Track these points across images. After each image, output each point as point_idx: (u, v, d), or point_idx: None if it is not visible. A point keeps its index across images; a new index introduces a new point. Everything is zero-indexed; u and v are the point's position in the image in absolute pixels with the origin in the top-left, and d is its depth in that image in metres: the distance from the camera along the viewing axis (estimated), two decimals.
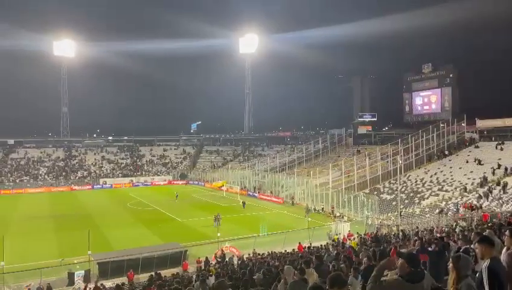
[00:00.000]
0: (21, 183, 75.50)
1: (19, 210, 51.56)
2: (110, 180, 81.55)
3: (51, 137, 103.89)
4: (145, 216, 45.66)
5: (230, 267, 19.08)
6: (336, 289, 3.53)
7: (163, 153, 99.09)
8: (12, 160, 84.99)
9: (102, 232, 36.35)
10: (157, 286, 9.31)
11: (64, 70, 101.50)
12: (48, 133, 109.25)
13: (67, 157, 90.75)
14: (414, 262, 4.30)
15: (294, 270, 7.06)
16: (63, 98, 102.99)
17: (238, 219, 42.61)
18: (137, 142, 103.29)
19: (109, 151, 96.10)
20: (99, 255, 26.48)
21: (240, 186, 63.72)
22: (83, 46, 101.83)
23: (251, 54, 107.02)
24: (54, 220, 43.90)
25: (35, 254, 28.97)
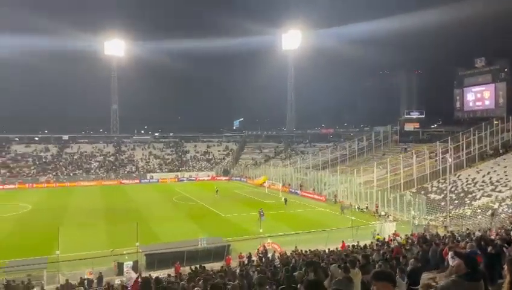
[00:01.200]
0: (75, 177, 79.81)
1: (73, 202, 54.52)
2: (157, 175, 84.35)
3: (102, 133, 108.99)
4: (190, 210, 46.85)
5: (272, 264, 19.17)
6: (384, 282, 3.49)
7: (207, 149, 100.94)
8: (67, 154, 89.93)
9: (149, 225, 37.68)
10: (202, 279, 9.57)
11: (114, 69, 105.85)
12: (99, 129, 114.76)
13: (117, 152, 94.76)
14: (472, 263, 4.16)
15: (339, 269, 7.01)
16: (113, 95, 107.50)
17: (280, 216, 42.68)
18: (182, 138, 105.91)
19: (156, 147, 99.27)
20: (147, 247, 27.50)
21: (281, 183, 63.70)
22: (132, 45, 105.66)
23: (294, 50, 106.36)
24: (105, 212, 46.09)
25: (88, 244, 30.57)
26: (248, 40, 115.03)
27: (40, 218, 42.33)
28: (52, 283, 22.63)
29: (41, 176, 78.65)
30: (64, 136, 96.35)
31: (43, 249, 28.37)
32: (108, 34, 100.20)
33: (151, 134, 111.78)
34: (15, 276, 22.65)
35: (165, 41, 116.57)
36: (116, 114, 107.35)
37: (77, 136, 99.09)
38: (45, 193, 64.17)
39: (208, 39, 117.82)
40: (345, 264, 7.55)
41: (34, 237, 33.20)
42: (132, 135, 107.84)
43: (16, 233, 35.65)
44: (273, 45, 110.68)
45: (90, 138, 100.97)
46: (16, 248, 29.61)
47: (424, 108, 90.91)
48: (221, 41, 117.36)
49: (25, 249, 28.81)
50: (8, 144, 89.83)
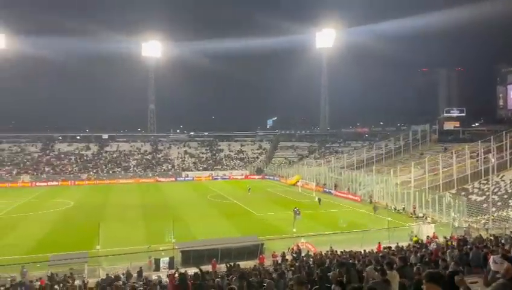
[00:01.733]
0: (114, 175, 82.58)
1: (112, 199, 56.44)
2: (192, 174, 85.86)
3: (140, 132, 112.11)
4: (224, 209, 47.38)
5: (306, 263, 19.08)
6: (435, 285, 3.45)
7: (241, 148, 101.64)
8: (107, 153, 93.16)
9: (185, 222, 38.38)
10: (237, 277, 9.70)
11: (151, 69, 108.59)
12: (137, 128, 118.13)
13: (154, 151, 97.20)
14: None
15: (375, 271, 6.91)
16: (150, 96, 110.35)
17: (314, 216, 42.35)
18: (217, 137, 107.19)
19: (191, 146, 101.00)
20: (182, 243, 28.04)
21: (315, 182, 63.18)
22: (168, 46, 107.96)
23: (328, 49, 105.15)
24: (142, 209, 47.41)
25: (126, 239, 31.55)
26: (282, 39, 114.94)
27: (82, 214, 44.13)
28: (93, 277, 23.51)
29: (82, 173, 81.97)
30: (104, 135, 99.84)
31: (85, 244, 29.56)
32: (146, 36, 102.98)
33: (187, 133, 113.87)
34: (58, 269, 23.73)
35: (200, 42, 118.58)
36: (153, 114, 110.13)
37: (116, 135, 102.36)
38: (86, 190, 66.81)
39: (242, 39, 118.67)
40: (382, 266, 7.43)
41: (76, 232, 34.63)
42: (168, 134, 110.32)
43: (60, 228, 37.33)
44: (307, 44, 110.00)
45: (129, 137, 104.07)
46: (59, 243, 31.01)
47: (464, 106, 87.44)
48: (255, 41, 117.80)
49: (68, 244, 30.10)
50: (52, 143, 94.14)
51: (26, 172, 79.51)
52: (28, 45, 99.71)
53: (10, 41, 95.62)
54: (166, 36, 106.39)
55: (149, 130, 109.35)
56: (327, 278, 9.42)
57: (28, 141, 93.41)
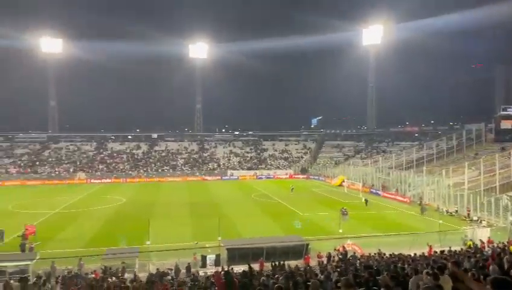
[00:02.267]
0: (162, 173, 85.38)
1: (161, 196, 58.38)
2: (237, 172, 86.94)
3: (187, 132, 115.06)
4: (268, 208, 47.57)
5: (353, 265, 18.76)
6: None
7: (285, 147, 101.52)
8: (156, 152, 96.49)
9: (230, 220, 38.98)
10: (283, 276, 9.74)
11: (198, 70, 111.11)
12: (185, 128, 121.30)
13: (200, 150, 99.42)
14: None
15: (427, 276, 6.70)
16: (197, 96, 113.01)
17: (360, 217, 41.48)
18: (261, 137, 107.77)
19: (236, 145, 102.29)
20: (228, 241, 28.50)
21: (361, 183, 61.82)
22: (214, 47, 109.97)
23: (375, 45, 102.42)
24: (189, 206, 48.66)
25: (174, 236, 32.55)
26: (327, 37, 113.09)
27: (133, 210, 46.06)
28: (143, 271, 24.47)
29: (133, 171, 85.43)
30: (154, 135, 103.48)
31: (136, 239, 30.82)
32: (193, 38, 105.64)
33: (232, 133, 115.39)
34: (111, 263, 24.92)
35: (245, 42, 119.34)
36: (200, 114, 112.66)
37: (165, 135, 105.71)
38: (137, 187, 69.58)
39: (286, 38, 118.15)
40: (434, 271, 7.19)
41: (128, 228, 36.15)
42: (214, 133, 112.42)
43: (113, 223, 39.15)
44: (353, 41, 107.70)
45: (177, 137, 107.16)
46: (112, 237, 32.53)
47: None
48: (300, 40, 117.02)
49: (120, 239, 31.51)
50: (105, 142, 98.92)
51: (82, 170, 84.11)
52: (82, 49, 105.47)
53: (66, 45, 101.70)
54: (211, 38, 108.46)
55: (196, 130, 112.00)
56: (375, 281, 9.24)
57: (83, 140, 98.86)
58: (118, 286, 15.04)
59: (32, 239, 30.14)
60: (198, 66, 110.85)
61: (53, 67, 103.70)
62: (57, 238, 32.85)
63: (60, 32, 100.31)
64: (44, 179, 78.22)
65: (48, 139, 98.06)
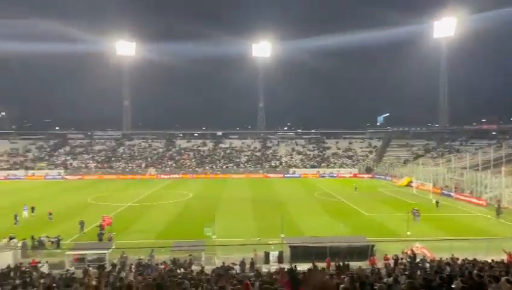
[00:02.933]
0: (226, 169, 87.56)
1: (225, 192, 59.91)
2: (299, 170, 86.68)
3: (250, 130, 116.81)
4: (331, 207, 46.89)
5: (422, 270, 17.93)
6: None
7: (349, 146, 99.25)
8: (221, 149, 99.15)
9: (293, 218, 39.00)
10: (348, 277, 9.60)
11: (260, 69, 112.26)
12: (248, 126, 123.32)
13: (263, 147, 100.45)
14: None
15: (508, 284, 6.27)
16: (260, 94, 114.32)
17: (430, 219, 39.38)
18: (324, 135, 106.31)
19: (298, 143, 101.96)
20: (291, 239, 28.55)
21: (432, 183, 58.62)
22: (277, 45, 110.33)
23: (448, 38, 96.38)
24: (253, 203, 49.43)
25: (238, 231, 33.29)
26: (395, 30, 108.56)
27: (199, 205, 47.82)
28: (209, 264, 25.33)
29: (199, 167, 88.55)
30: (218, 133, 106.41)
31: (202, 233, 31.93)
32: (256, 37, 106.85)
33: (294, 130, 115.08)
34: (179, 255, 26.10)
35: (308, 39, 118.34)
36: (263, 112, 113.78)
37: (229, 133, 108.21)
38: (203, 183, 72.04)
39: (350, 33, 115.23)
40: None
41: (195, 222, 37.58)
42: (277, 131, 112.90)
43: (181, 217, 40.94)
44: (423, 34, 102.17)
45: (240, 134, 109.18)
46: (180, 230, 34.07)
47: None
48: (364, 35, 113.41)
49: (188, 232, 32.91)
50: (174, 140, 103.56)
51: (152, 165, 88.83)
52: (152, 51, 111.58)
53: (139, 48, 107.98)
54: (274, 36, 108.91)
55: (259, 128, 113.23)
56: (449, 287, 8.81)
57: (154, 137, 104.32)
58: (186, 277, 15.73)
59: (108, 230, 32.43)
60: (261, 65, 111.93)
61: (127, 69, 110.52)
62: (130, 230, 35.06)
63: (134, 35, 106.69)
64: (119, 173, 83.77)
65: (123, 136, 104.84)
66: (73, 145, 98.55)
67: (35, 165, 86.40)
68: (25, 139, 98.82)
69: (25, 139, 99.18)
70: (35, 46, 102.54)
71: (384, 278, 12.83)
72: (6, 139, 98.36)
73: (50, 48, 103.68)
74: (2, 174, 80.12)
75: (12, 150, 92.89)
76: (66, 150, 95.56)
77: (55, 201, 49.71)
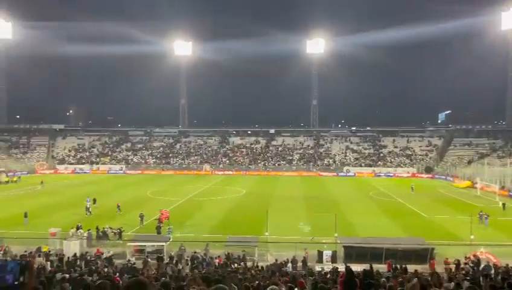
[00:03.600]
0: (279, 167, 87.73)
1: (278, 190, 60.03)
2: (353, 169, 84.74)
3: (303, 127, 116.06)
4: (387, 207, 45.44)
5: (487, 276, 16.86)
6: None
7: (407, 144, 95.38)
8: (273, 146, 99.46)
9: (347, 217, 38.26)
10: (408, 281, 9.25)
11: (314, 66, 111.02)
12: (300, 123, 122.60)
13: (316, 145, 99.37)
14: None
15: None
16: (313, 91, 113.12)
17: (496, 223, 36.91)
18: (380, 132, 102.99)
19: (353, 141, 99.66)
20: (345, 238, 28.07)
21: (498, 185, 54.82)
22: (330, 41, 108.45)
23: None
24: (305, 201, 49.14)
25: (290, 229, 33.27)
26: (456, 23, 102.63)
27: (252, 201, 48.38)
28: (262, 261, 25.58)
29: (252, 164, 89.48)
30: (271, 130, 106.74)
31: (255, 229, 32.34)
32: (310, 33, 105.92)
33: (348, 128, 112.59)
34: (233, 250, 26.61)
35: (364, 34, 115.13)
36: (316, 109, 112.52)
37: (281, 130, 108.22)
38: (255, 180, 72.74)
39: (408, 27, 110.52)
40: None
41: (248, 218, 38.13)
42: (330, 129, 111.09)
43: (234, 213, 41.67)
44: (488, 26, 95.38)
45: (293, 132, 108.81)
46: (233, 226, 34.69)
47: None
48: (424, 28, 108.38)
49: (241, 228, 33.44)
50: (228, 137, 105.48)
51: (207, 162, 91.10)
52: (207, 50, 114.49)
53: (195, 48, 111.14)
54: (329, 32, 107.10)
55: (311, 125, 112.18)
56: None
57: (208, 135, 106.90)
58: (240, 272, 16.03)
59: (166, 223, 33.76)
60: (315, 62, 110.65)
61: (184, 68, 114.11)
62: (186, 224, 36.26)
63: (190, 35, 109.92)
64: (176, 169, 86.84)
65: (179, 133, 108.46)
66: (133, 141, 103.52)
67: (100, 160, 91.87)
68: (90, 136, 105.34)
69: (90, 135, 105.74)
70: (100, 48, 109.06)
71: (445, 283, 12.24)
72: (74, 136, 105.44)
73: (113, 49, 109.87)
74: (70, 168, 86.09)
75: (79, 145, 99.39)
76: (127, 146, 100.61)
77: (118, 194, 52.57)
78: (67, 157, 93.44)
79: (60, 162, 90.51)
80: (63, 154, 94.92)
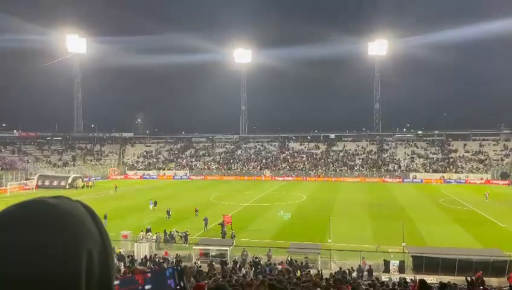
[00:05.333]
0: (340, 173, 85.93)
1: (340, 196, 58.81)
2: (420, 175, 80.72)
3: (365, 132, 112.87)
4: (459, 215, 42.70)
5: None
6: None
7: (479, 148, 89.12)
8: (333, 152, 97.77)
9: (414, 225, 36.56)
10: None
11: (377, 68, 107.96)
12: (362, 128, 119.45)
13: (379, 150, 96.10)
14: None
15: None
16: (375, 94, 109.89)
17: None
18: (449, 136, 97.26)
19: (419, 146, 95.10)
20: (413, 248, 26.83)
21: None
22: (394, 43, 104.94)
23: None
24: (369, 208, 47.63)
25: (354, 236, 32.37)
26: None
27: (313, 207, 47.83)
28: (325, 269, 25.17)
29: (312, 170, 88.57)
30: (331, 135, 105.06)
31: (317, 235, 31.94)
32: (372, 35, 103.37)
33: (414, 132, 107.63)
34: (295, 256, 26.49)
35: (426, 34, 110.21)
36: (379, 113, 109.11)
37: (342, 135, 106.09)
38: (316, 186, 71.88)
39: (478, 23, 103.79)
40: None
41: (309, 224, 37.76)
42: (394, 133, 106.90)
43: (296, 219, 41.46)
44: None
45: (354, 137, 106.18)
46: (295, 232, 34.51)
47: None
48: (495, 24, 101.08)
49: (302, 234, 33.18)
50: (287, 142, 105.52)
51: (267, 167, 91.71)
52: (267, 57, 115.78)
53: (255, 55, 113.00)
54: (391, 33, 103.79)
55: (374, 130, 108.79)
56: None
57: (268, 140, 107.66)
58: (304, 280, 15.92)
59: (228, 228, 34.43)
60: (377, 64, 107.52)
61: (244, 75, 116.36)
62: (248, 229, 36.72)
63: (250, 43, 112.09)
64: (237, 175, 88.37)
65: (240, 139, 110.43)
66: (197, 148, 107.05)
67: (166, 166, 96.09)
68: (157, 143, 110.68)
69: (157, 142, 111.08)
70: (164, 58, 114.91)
71: None
72: (142, 143, 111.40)
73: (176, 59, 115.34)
74: (139, 174, 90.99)
75: (147, 152, 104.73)
76: (191, 153, 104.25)
77: (183, 199, 54.59)
78: (136, 163, 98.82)
79: (129, 168, 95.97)
80: (132, 160, 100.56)
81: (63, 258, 0.83)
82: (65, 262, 0.82)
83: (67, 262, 0.83)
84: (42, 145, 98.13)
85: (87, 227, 0.91)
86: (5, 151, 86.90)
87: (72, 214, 0.91)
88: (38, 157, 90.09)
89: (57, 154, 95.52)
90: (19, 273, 0.78)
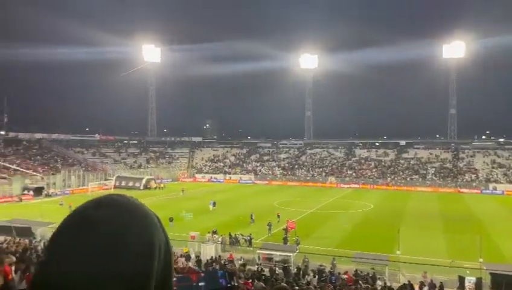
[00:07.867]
0: (411, 181, 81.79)
1: (410, 206, 56.03)
2: (502, 186, 74.22)
3: (439, 139, 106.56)
4: None
5: None
6: None
7: None
8: (404, 159, 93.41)
9: (493, 240, 33.78)
10: None
11: (452, 72, 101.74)
12: (436, 134, 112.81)
13: (454, 159, 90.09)
14: None
15: None
16: (451, 99, 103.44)
17: None
18: None
19: (500, 155, 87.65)
20: (492, 265, 24.77)
21: None
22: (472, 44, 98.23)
23: None
24: (442, 220, 44.82)
25: (425, 249, 30.62)
26: None
27: (381, 217, 46.04)
28: (394, 281, 24.10)
29: (380, 178, 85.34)
30: (401, 142, 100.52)
31: (384, 246, 30.70)
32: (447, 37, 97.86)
33: (494, 140, 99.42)
34: (361, 267, 25.68)
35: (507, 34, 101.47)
36: (454, 119, 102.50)
37: (413, 142, 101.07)
38: (384, 195, 69.13)
39: None
40: None
41: (376, 234, 36.40)
42: (472, 140, 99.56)
43: (362, 228, 40.25)
44: None
45: (426, 144, 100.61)
46: (361, 241, 33.47)
47: None
48: None
49: (369, 244, 32.07)
50: (353, 149, 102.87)
51: (332, 174, 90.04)
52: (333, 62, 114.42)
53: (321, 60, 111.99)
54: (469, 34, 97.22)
55: (449, 137, 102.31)
56: None
57: (334, 146, 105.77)
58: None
59: (292, 234, 34.30)
60: (452, 67, 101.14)
61: (309, 80, 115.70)
62: (312, 236, 36.29)
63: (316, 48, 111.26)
64: (301, 181, 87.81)
65: (305, 145, 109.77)
66: (261, 153, 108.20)
67: (232, 170, 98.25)
68: (224, 147, 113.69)
69: (223, 147, 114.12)
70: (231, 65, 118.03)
71: None
72: (210, 147, 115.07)
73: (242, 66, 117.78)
74: (206, 177, 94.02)
75: (214, 156, 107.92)
76: (256, 157, 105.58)
77: (248, 203, 55.40)
78: (204, 167, 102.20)
79: (198, 171, 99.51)
80: (200, 164, 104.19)
81: (142, 253, 0.89)
82: (143, 258, 0.89)
83: (146, 259, 0.89)
84: (120, 148, 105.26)
85: (158, 226, 0.98)
86: (87, 154, 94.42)
87: (147, 214, 0.97)
88: (116, 160, 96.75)
89: (133, 156, 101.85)
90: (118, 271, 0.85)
